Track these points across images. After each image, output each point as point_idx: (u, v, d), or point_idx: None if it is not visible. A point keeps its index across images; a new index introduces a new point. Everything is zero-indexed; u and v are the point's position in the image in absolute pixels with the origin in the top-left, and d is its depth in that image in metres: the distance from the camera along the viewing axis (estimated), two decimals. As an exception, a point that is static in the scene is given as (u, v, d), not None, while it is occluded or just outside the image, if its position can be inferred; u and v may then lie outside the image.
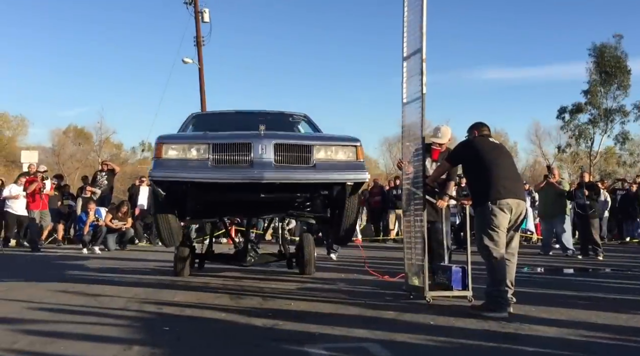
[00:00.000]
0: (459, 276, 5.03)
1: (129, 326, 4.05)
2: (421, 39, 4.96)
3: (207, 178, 4.77)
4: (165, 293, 5.53)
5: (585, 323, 4.13)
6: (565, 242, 10.69)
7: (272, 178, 4.68)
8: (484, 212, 4.55)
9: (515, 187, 4.64)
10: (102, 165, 15.99)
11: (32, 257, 9.95)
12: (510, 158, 4.98)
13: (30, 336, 3.65)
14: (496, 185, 4.52)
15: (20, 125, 43.40)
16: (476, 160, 4.74)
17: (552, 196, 10.91)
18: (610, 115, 32.90)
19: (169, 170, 4.83)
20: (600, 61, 31.91)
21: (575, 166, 32.37)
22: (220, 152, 4.82)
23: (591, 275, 7.92)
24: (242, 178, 4.73)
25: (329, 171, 4.89)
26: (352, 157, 5.05)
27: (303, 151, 4.90)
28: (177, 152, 4.92)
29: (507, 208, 4.48)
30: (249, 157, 4.76)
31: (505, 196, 4.49)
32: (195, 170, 4.79)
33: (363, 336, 3.69)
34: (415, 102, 5.09)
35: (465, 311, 4.50)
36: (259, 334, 3.81)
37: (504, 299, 4.38)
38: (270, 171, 4.69)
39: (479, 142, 4.89)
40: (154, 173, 4.86)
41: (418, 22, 5.02)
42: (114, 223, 11.80)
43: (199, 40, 21.42)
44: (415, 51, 5.10)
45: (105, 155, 39.26)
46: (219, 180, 4.78)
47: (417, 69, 5.04)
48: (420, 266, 5.03)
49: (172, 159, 4.88)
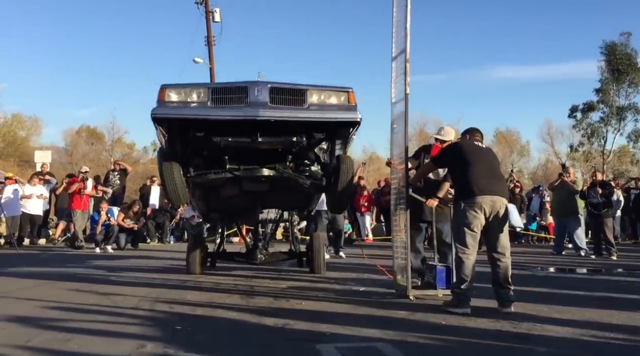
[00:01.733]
0: (442, 276, 5.09)
1: (141, 324, 4.07)
2: (405, 39, 5.02)
3: (206, 114, 4.98)
4: (177, 292, 5.57)
5: (599, 324, 4.09)
6: (579, 242, 10.60)
7: (268, 116, 4.90)
8: (458, 212, 4.72)
9: (491, 185, 4.64)
10: (115, 164, 16.16)
11: (45, 257, 10.05)
12: (492, 159, 4.98)
13: (44, 334, 3.69)
14: (470, 184, 4.61)
15: (34, 126, 43.83)
16: (457, 161, 4.87)
17: (565, 195, 10.82)
18: (622, 113, 32.59)
19: (170, 109, 5.03)
20: (612, 59, 31.61)
21: (588, 165, 32.08)
22: (219, 94, 5.09)
23: (604, 275, 7.85)
24: (239, 115, 4.94)
25: (322, 111, 5.11)
26: (345, 101, 5.25)
27: (297, 94, 5.14)
28: (178, 95, 5.14)
29: (478, 207, 4.54)
30: (246, 98, 5.00)
31: (477, 194, 4.55)
32: (195, 109, 5.01)
33: (374, 336, 3.68)
34: (402, 102, 5.12)
35: (475, 310, 4.48)
36: (270, 333, 3.82)
37: (465, 296, 4.50)
38: (265, 109, 4.92)
39: (462, 145, 5.04)
40: (156, 111, 5.00)
41: (403, 22, 5.06)
42: (126, 222, 11.89)
43: (210, 39, 21.55)
44: (401, 52, 5.14)
45: (118, 154, 39.51)
46: (217, 116, 4.98)
47: (402, 69, 5.07)
48: (403, 264, 5.09)
49: (174, 101, 5.10)
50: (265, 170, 5.50)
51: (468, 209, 4.57)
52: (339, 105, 5.22)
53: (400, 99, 5.16)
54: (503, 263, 4.60)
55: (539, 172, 44.49)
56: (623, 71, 31.50)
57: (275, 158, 5.54)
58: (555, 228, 11.75)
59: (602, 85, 32.61)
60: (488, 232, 4.66)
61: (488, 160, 4.86)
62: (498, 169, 5.01)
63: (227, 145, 5.21)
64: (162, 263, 8.83)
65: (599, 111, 33.31)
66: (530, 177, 42.22)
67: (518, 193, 15.37)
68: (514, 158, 44.61)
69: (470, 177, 4.64)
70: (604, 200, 10.37)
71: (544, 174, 40.77)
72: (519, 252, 11.43)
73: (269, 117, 4.93)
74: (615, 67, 31.61)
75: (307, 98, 5.16)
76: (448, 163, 5.13)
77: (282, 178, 5.78)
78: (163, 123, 5.11)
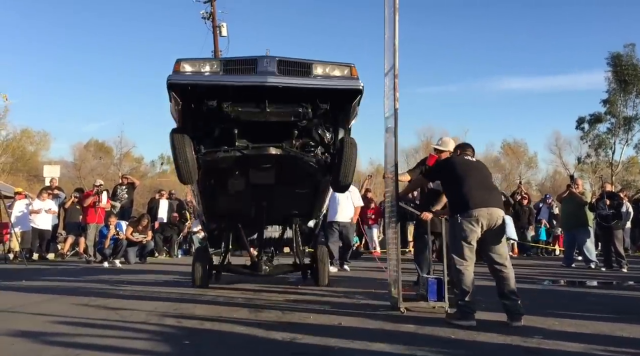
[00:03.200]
0: (434, 288, 5.12)
1: (150, 339, 4.07)
2: (394, 56, 5.13)
3: (218, 80, 5.31)
4: (185, 307, 5.56)
5: (610, 337, 4.05)
6: (588, 254, 10.50)
7: (275, 82, 5.20)
8: (453, 225, 4.72)
9: (486, 197, 4.68)
10: (122, 178, 16.23)
11: (54, 271, 10.08)
12: (484, 171, 5.03)
13: (53, 350, 3.69)
14: (465, 197, 4.64)
15: (43, 140, 44.28)
16: (448, 176, 4.95)
17: (574, 207, 10.75)
18: (630, 123, 32.44)
19: (185, 76, 5.36)
20: (618, 70, 31.56)
21: (596, 176, 31.91)
22: (230, 66, 5.44)
23: (615, 288, 7.77)
24: (249, 81, 5.28)
25: (326, 80, 5.44)
26: (348, 74, 5.53)
27: (303, 67, 5.47)
28: (192, 67, 5.45)
29: (475, 220, 4.56)
30: (255, 69, 5.35)
31: (472, 207, 4.58)
32: (208, 76, 5.37)
33: (383, 350, 3.66)
34: (392, 117, 5.22)
35: (484, 324, 4.45)
36: (278, 348, 3.80)
37: (469, 309, 4.52)
38: (273, 76, 5.25)
39: (453, 160, 5.16)
40: (172, 77, 5.29)
41: (392, 40, 5.17)
42: (135, 236, 11.92)
43: (217, 54, 21.71)
44: (391, 68, 5.25)
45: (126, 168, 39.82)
46: (228, 82, 5.31)
47: (392, 84, 5.19)
48: (395, 277, 5.17)
49: (188, 71, 5.44)
50: (273, 149, 5.68)
51: (465, 222, 4.59)
52: (343, 77, 5.52)
53: (391, 114, 5.25)
54: (506, 273, 4.59)
55: (547, 183, 44.26)
56: (630, 82, 31.43)
57: (282, 137, 5.76)
58: (565, 241, 11.66)
59: (609, 96, 32.54)
60: (485, 244, 4.67)
61: (481, 173, 4.92)
62: (491, 181, 5.09)
63: (238, 116, 5.41)
64: (170, 277, 8.84)
65: (606, 122, 33.22)
66: (538, 189, 41.98)
67: (526, 205, 15.29)
68: (521, 170, 44.45)
69: (464, 191, 4.68)
70: (613, 211, 10.29)
71: (552, 186, 40.53)
72: (528, 265, 11.36)
73: (277, 83, 5.21)
74: (621, 78, 31.56)
75: (312, 71, 5.48)
76: (439, 178, 5.24)
77: (289, 165, 5.92)
78: (177, 88, 5.36)
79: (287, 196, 6.67)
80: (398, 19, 5.07)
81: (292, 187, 6.52)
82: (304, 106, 5.46)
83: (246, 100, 5.40)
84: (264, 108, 5.38)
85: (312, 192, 6.73)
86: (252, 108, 5.41)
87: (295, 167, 5.98)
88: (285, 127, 5.66)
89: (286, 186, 6.41)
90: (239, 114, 5.40)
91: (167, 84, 5.28)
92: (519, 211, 14.82)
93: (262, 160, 5.91)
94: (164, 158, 44.35)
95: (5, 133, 38.92)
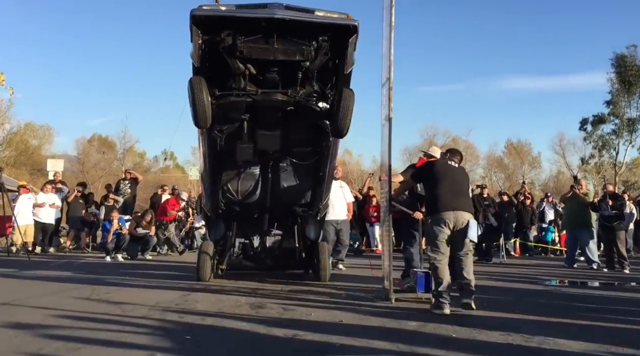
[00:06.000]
0: (422, 281, 5.54)
1: (151, 334, 4.09)
2: (389, 69, 5.65)
3: (234, 13, 5.84)
4: (187, 302, 5.58)
5: (611, 338, 4.04)
6: (590, 255, 10.48)
7: (283, 15, 5.69)
8: (428, 226, 5.38)
9: (455, 201, 5.19)
10: (125, 173, 16.23)
11: (56, 265, 10.11)
12: (459, 177, 5.46)
13: (55, 343, 3.71)
14: (436, 201, 5.23)
15: (46, 134, 44.33)
16: (427, 179, 5.56)
17: (576, 208, 10.73)
18: (633, 124, 32.33)
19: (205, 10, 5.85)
20: (622, 71, 31.44)
21: (599, 177, 31.82)
22: (243, 8, 5.94)
23: (617, 289, 7.76)
24: (260, 14, 5.77)
25: (327, 18, 5.95)
26: (344, 16, 6.03)
27: (308, 11, 5.94)
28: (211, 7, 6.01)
29: (443, 222, 5.13)
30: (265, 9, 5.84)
31: (441, 210, 5.16)
32: (225, 10, 5.92)
33: (385, 347, 3.67)
34: (387, 125, 5.71)
35: (486, 323, 4.45)
36: (279, 344, 3.81)
37: (443, 298, 4.99)
38: (281, 12, 5.74)
39: (435, 164, 5.68)
40: (195, 11, 5.72)
41: (387, 53, 5.67)
42: (138, 231, 11.94)
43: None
44: (386, 80, 5.75)
45: (129, 163, 39.81)
46: (242, 14, 5.83)
47: (387, 95, 5.69)
48: (388, 271, 5.65)
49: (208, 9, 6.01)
50: (279, 95, 6.16)
51: (434, 224, 5.19)
52: (340, 17, 6.05)
53: (386, 121, 5.71)
54: (464, 261, 5.12)
55: (550, 183, 44.17)
56: (633, 83, 31.30)
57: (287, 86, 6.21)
58: (567, 241, 11.64)
59: (612, 97, 32.42)
60: (454, 241, 5.18)
61: (455, 179, 5.38)
62: (465, 187, 5.52)
63: (249, 53, 5.83)
64: (172, 272, 8.85)
65: (610, 123, 33.10)
66: (541, 189, 41.90)
67: (529, 205, 15.25)
68: (525, 170, 44.37)
69: (436, 194, 5.25)
70: (615, 212, 10.27)
71: (555, 186, 40.46)
72: (530, 265, 11.37)
73: (284, 16, 5.69)
74: (625, 79, 31.42)
75: (315, 13, 6.00)
76: (422, 180, 5.82)
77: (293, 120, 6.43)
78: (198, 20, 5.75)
79: (290, 180, 7.27)
80: (393, 36, 5.62)
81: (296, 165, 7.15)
82: (307, 44, 5.90)
83: (256, 34, 5.85)
84: (272, 44, 5.84)
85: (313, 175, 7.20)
86: (262, 44, 5.86)
87: (299, 121, 6.50)
88: (291, 71, 6.07)
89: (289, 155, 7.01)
90: (250, 50, 5.81)
91: (190, 16, 5.68)
92: (522, 211, 14.79)
93: (269, 114, 6.41)
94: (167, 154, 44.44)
95: (9, 127, 39.07)
